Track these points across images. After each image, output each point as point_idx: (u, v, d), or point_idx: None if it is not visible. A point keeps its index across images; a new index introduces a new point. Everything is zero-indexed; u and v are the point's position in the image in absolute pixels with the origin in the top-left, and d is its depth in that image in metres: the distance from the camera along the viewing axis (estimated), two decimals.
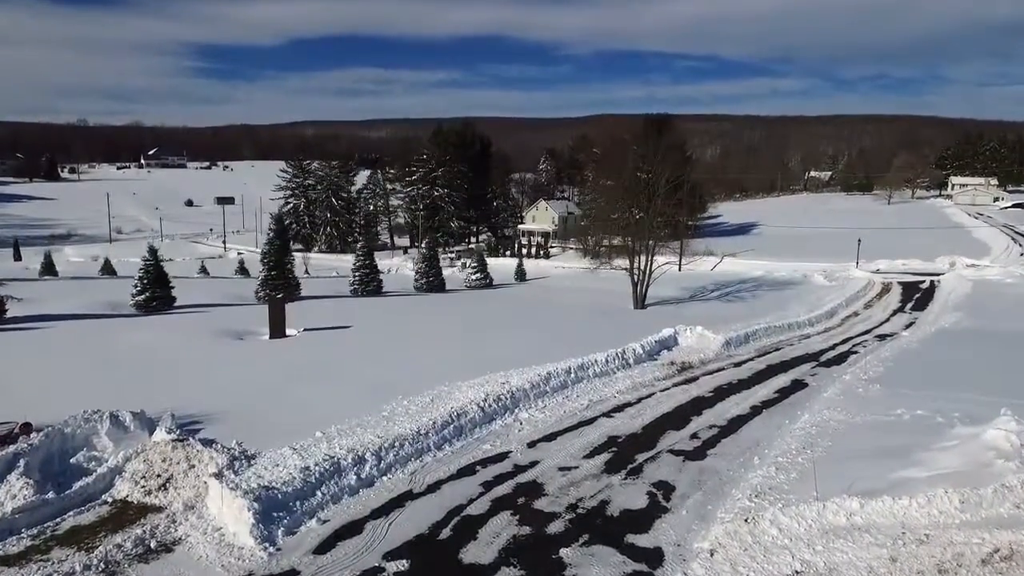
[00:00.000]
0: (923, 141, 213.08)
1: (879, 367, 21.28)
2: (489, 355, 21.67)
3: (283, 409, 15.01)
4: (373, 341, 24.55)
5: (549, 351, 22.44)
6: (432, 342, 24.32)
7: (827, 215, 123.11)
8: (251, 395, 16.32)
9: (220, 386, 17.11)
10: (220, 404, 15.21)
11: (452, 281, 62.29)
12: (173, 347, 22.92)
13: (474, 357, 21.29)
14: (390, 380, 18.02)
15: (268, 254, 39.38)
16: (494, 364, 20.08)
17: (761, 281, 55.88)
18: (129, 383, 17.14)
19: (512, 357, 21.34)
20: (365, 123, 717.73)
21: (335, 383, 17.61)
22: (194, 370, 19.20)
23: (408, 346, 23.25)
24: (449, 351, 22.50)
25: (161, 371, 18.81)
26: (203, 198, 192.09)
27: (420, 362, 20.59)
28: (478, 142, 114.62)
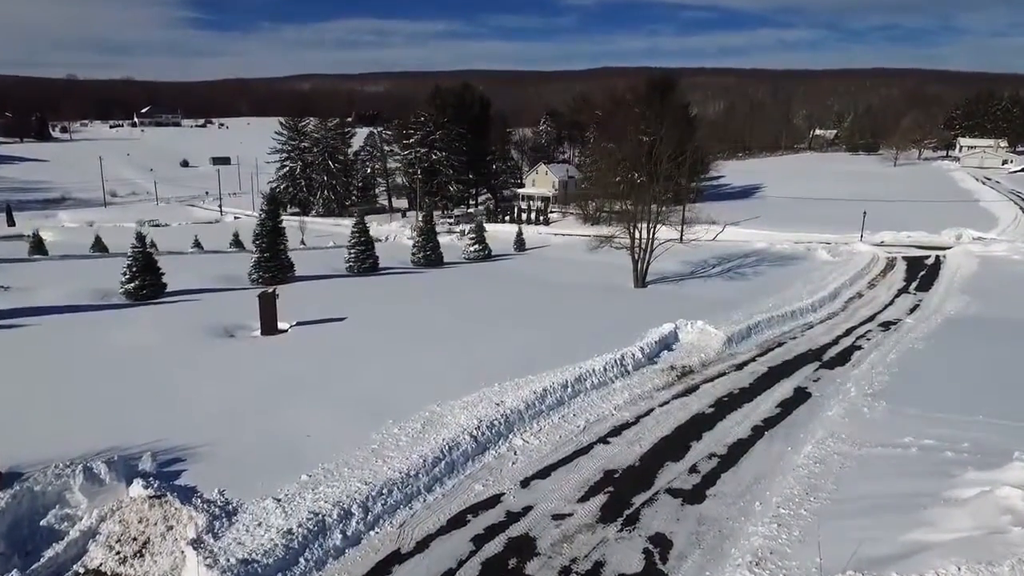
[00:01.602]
0: (932, 99, 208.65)
1: (884, 375, 20.72)
2: (483, 360, 21.13)
3: (269, 441, 14.50)
4: (364, 341, 23.94)
5: (545, 353, 21.94)
6: (424, 342, 23.72)
7: (832, 178, 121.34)
8: (238, 420, 15.80)
9: (206, 408, 16.57)
10: (205, 433, 14.71)
11: (450, 251, 61.41)
12: (160, 351, 22.33)
13: (467, 363, 20.74)
14: (380, 396, 17.51)
15: (260, 236, 38.50)
16: (488, 373, 19.58)
17: (763, 255, 55.08)
18: (111, 406, 16.60)
19: (507, 362, 20.84)
20: (363, 77, 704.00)
21: (324, 402, 17.08)
22: (180, 384, 18.64)
23: (399, 348, 22.65)
24: (441, 354, 21.92)
25: (146, 387, 18.26)
26: (198, 158, 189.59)
27: (411, 370, 20.05)
28: (477, 103, 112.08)
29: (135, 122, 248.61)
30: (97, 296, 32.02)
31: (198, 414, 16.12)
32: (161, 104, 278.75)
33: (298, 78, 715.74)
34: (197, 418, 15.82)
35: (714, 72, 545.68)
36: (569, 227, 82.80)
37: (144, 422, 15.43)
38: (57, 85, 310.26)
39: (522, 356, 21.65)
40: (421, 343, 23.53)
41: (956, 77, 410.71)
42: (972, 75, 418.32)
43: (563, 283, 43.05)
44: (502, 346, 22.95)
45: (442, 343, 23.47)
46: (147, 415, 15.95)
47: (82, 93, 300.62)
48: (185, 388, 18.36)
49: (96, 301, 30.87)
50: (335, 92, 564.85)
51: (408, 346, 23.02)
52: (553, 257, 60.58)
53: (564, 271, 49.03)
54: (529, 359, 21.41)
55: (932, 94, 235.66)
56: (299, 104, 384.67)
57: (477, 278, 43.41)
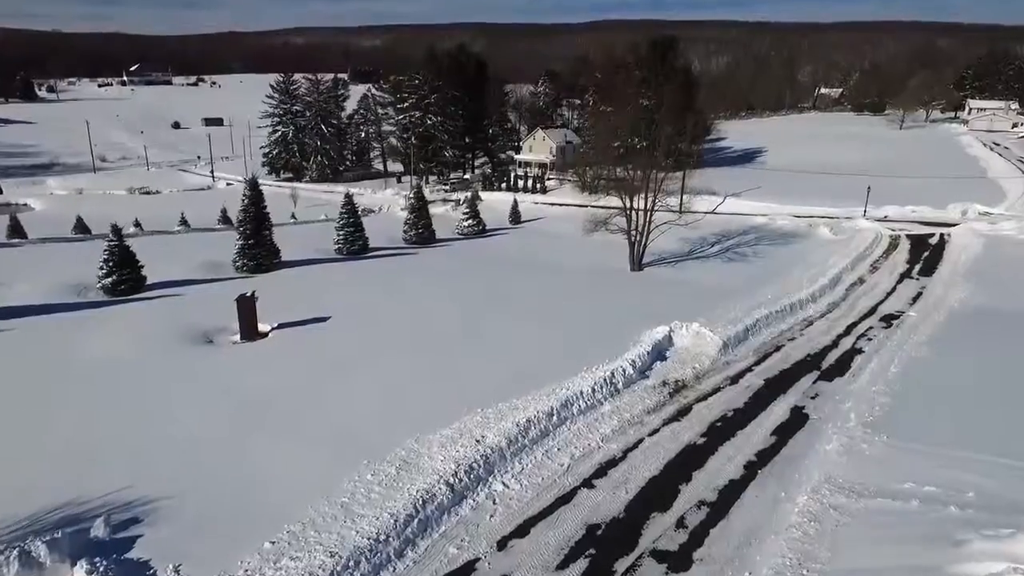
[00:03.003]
0: (941, 56, 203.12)
1: (884, 395, 19.86)
2: (466, 377, 20.29)
3: (237, 490, 13.73)
4: (345, 349, 23.01)
5: (532, 366, 21.08)
6: (406, 350, 22.81)
7: (836, 142, 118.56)
8: (206, 461, 15.03)
9: (174, 446, 15.78)
10: (170, 480, 13.98)
11: (444, 224, 60.04)
12: (132, 365, 21.47)
13: (450, 381, 19.91)
14: (356, 428, 16.72)
15: (244, 222, 37.18)
16: (471, 395, 18.76)
17: (763, 232, 53.78)
18: (74, 448, 15.73)
19: (491, 379, 20.01)
20: (359, 30, 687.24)
21: (297, 435, 16.29)
22: (150, 413, 17.81)
23: (380, 360, 21.72)
24: (423, 368, 21.06)
25: (113, 417, 17.43)
26: (190, 119, 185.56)
27: (391, 390, 19.22)
28: (473, 64, 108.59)
29: (125, 80, 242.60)
30: (74, 292, 31.02)
31: (165, 455, 15.32)
32: (151, 61, 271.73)
33: (293, 31, 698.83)
34: (163, 460, 15.03)
35: (718, 25, 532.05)
36: (566, 196, 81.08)
37: (107, 466, 14.66)
38: (42, 39, 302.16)
39: (508, 370, 20.79)
40: (402, 352, 22.62)
41: (968, 30, 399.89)
42: (985, 27, 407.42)
43: (557, 265, 41.90)
44: (487, 358, 22.03)
45: (424, 352, 22.56)
46: (111, 457, 15.16)
47: (69, 48, 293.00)
48: (155, 418, 17.53)
49: (72, 298, 29.89)
50: (331, 46, 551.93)
51: (389, 357, 22.10)
52: (549, 232, 59.23)
53: (559, 249, 47.86)
54: (515, 374, 20.56)
55: (941, 49, 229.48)
56: (294, 60, 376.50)
57: (467, 261, 42.23)
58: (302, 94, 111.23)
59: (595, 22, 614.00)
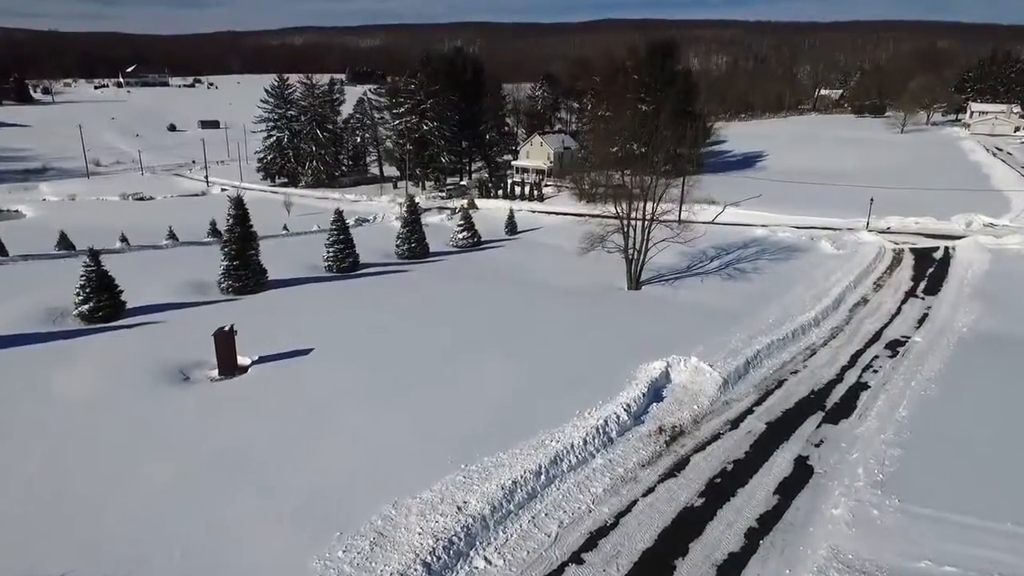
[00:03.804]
0: (942, 56, 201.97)
1: (895, 447, 18.74)
2: (450, 425, 19.20)
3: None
4: (325, 389, 21.88)
5: (521, 412, 20.01)
6: (388, 391, 21.69)
7: (837, 146, 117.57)
8: (166, 532, 13.95)
9: (132, 515, 14.70)
10: (124, 561, 12.91)
11: (438, 234, 58.92)
12: (101, 408, 20.37)
13: (432, 430, 18.81)
14: (330, 490, 15.62)
15: (229, 242, 36.03)
16: (455, 447, 17.69)
17: (764, 245, 52.58)
18: (22, 524, 14.56)
19: (477, 427, 18.96)
20: (358, 30, 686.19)
21: (265, 502, 15.18)
22: (112, 473, 16.71)
23: (360, 404, 20.58)
24: (405, 413, 19.96)
25: (72, 478, 16.33)
26: (186, 121, 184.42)
27: (369, 442, 18.13)
28: (470, 68, 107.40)
29: (121, 82, 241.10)
30: (49, 319, 29.86)
31: (121, 528, 14.20)
32: (148, 61, 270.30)
33: (291, 31, 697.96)
34: (118, 535, 13.93)
35: (717, 24, 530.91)
36: (563, 204, 79.94)
37: (57, 545, 13.53)
38: (38, 39, 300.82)
39: (495, 416, 19.71)
40: (384, 393, 21.49)
41: (969, 30, 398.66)
42: (986, 27, 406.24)
43: (551, 284, 40.78)
44: (473, 401, 20.90)
45: (407, 394, 21.43)
46: (63, 533, 14.03)
47: (65, 48, 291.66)
48: (117, 475, 16.41)
49: (45, 326, 28.72)
50: (329, 46, 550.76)
51: (370, 401, 20.96)
52: (544, 244, 58.00)
53: (554, 264, 46.67)
54: (503, 419, 19.49)
55: (942, 50, 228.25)
56: (292, 60, 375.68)
57: (458, 281, 41.02)
58: (297, 98, 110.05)
59: (594, 21, 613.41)
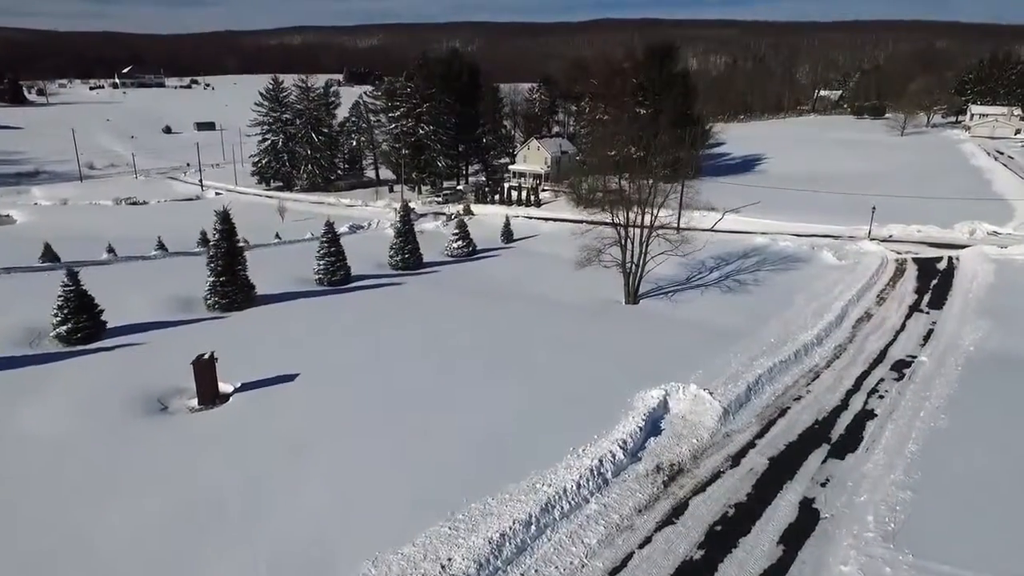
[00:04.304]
0: (942, 57, 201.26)
1: (905, 489, 17.77)
2: (435, 463, 18.25)
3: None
4: (308, 421, 20.90)
5: (511, 448, 19.07)
6: (373, 423, 20.73)
7: (837, 148, 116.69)
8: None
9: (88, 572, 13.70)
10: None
11: (434, 243, 57.96)
12: (68, 447, 19.38)
13: (417, 472, 17.84)
14: (304, 546, 14.64)
15: (215, 257, 35.02)
16: (440, 491, 16.74)
17: (764, 255, 51.64)
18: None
19: (464, 466, 18.05)
20: (356, 29, 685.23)
21: (233, 562, 14.18)
22: (71, 522, 15.72)
23: (341, 445, 19.51)
24: (389, 450, 19.00)
25: (27, 538, 15.33)
26: (182, 123, 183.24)
27: (348, 490, 17.12)
28: (466, 71, 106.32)
29: (116, 83, 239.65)
30: (26, 340, 28.86)
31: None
32: (144, 62, 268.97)
33: (288, 31, 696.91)
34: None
35: (716, 24, 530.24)
36: (560, 209, 78.98)
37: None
38: (33, 39, 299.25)
39: (485, 453, 18.77)
40: (368, 427, 20.53)
41: (968, 30, 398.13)
42: (985, 27, 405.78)
43: (546, 298, 39.83)
44: (461, 435, 19.94)
45: (393, 428, 20.46)
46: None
47: (60, 48, 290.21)
48: (77, 530, 15.42)
49: (21, 349, 27.72)
50: (326, 47, 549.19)
51: (352, 437, 20.00)
52: (541, 253, 57.13)
53: (550, 275, 45.68)
54: (494, 457, 18.56)
55: (942, 51, 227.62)
56: (289, 60, 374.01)
57: (450, 295, 40.00)
58: (292, 102, 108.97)
59: (593, 21, 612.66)
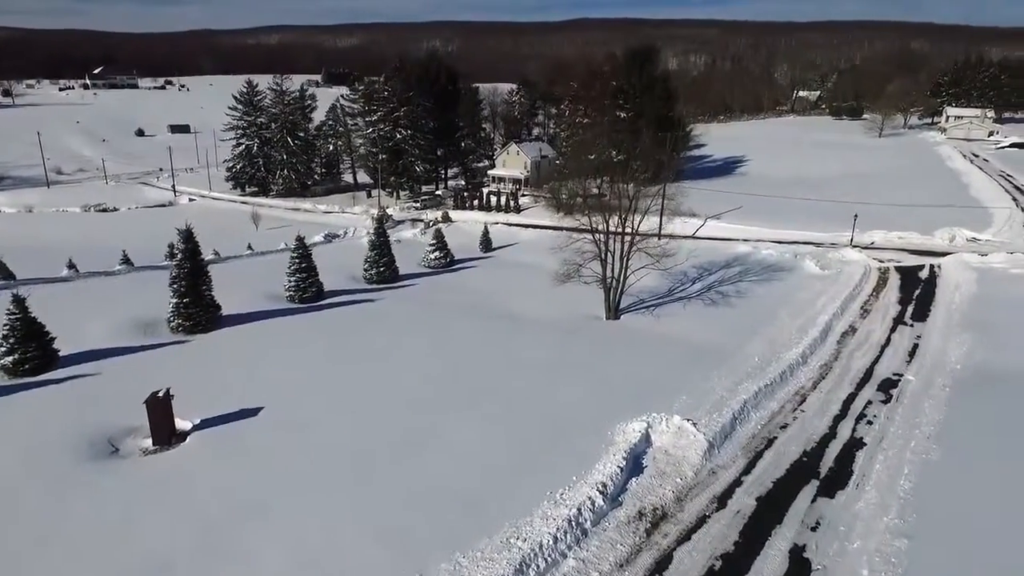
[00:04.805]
0: (917, 59, 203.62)
1: (900, 536, 16.85)
2: (401, 515, 17.02)
3: None
4: (265, 474, 19.41)
5: (483, 491, 17.90)
6: (334, 478, 19.34)
7: (817, 150, 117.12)
8: None
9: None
10: None
11: (411, 252, 56.60)
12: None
13: (381, 528, 16.60)
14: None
15: (178, 278, 33.39)
16: (406, 549, 15.54)
17: (747, 264, 50.99)
18: None
19: (432, 518, 16.83)
20: (335, 29, 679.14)
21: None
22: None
23: (300, 501, 18.14)
24: (350, 510, 17.64)
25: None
26: (156, 126, 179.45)
27: (307, 557, 15.81)
28: (444, 74, 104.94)
29: (87, 83, 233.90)
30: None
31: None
32: (117, 62, 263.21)
33: (266, 30, 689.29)
34: None
35: (695, 24, 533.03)
36: (541, 216, 77.89)
37: None
38: (1, 37, 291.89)
39: (455, 507, 17.53)
40: (332, 476, 19.21)
41: (941, 31, 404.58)
42: (957, 29, 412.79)
43: (524, 315, 38.63)
44: (429, 480, 18.71)
45: (360, 474, 19.15)
46: None
47: (28, 47, 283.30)
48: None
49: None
50: (305, 46, 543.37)
51: (315, 484, 18.69)
52: (520, 263, 55.98)
53: (528, 289, 44.49)
54: (464, 512, 17.29)
55: (917, 52, 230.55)
56: (266, 60, 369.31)
57: (425, 312, 38.58)
58: (267, 105, 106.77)
59: (573, 20, 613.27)
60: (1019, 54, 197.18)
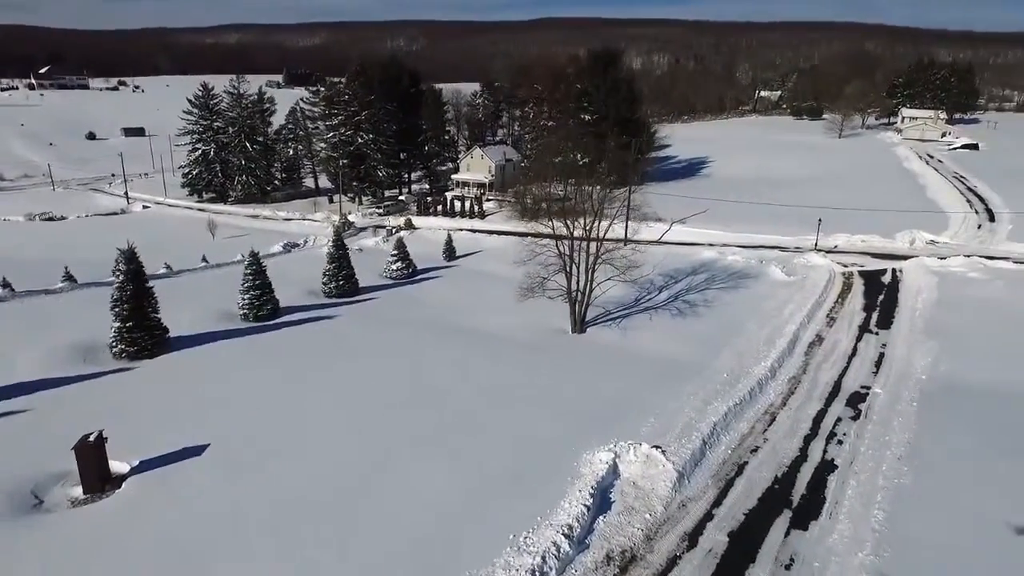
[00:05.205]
0: (871, 61, 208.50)
1: (875, 575, 16.24)
2: (351, 571, 15.76)
3: None
4: (205, 525, 17.94)
5: (438, 542, 16.75)
6: (279, 522, 18.02)
7: (779, 151, 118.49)
8: None
9: None
10: None
11: (373, 262, 55.02)
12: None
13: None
14: None
15: (120, 301, 31.37)
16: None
17: (713, 271, 50.72)
18: None
19: (386, 572, 15.58)
20: (296, 28, 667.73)
21: None
22: None
23: (242, 544, 16.89)
24: (291, 568, 16.33)
25: None
26: (108, 128, 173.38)
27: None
28: (406, 77, 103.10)
29: (33, 84, 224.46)
30: None
31: None
32: (65, 61, 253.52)
33: (226, 28, 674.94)
34: None
35: (658, 23, 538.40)
36: (505, 221, 76.87)
37: None
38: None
39: (409, 562, 16.31)
40: (276, 522, 17.87)
41: (894, 33, 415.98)
42: (908, 31, 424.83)
43: (488, 331, 37.50)
44: (384, 538, 17.40)
45: (307, 529, 17.76)
46: None
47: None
48: None
49: None
50: (265, 46, 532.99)
51: (256, 537, 17.32)
52: (484, 272, 54.77)
53: (492, 301, 43.37)
54: (419, 568, 16.09)
55: (872, 53, 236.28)
56: (226, 60, 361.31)
57: (384, 330, 37.15)
58: (224, 109, 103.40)
59: (538, 19, 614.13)
60: (964, 56, 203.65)
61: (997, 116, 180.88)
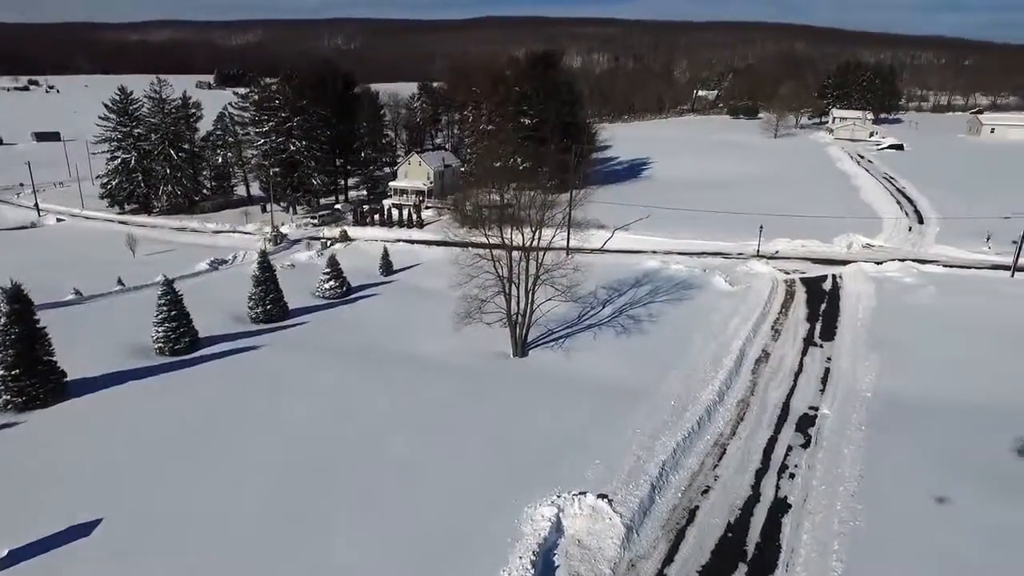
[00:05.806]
0: (802, 61, 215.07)
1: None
2: None
3: None
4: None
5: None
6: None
7: (718, 150, 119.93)
8: None
9: None
10: None
11: (305, 279, 51.89)
12: None
13: None
14: None
15: (4, 346, 27.77)
16: None
17: (657, 282, 49.72)
18: None
19: None
20: (230, 24, 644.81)
21: None
22: None
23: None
24: None
25: None
26: (17, 133, 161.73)
27: None
28: (340, 81, 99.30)
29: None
30: None
31: None
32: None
33: (154, 25, 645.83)
34: None
35: (598, 22, 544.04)
36: (444, 231, 74.39)
37: None
38: None
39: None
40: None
41: (820, 34, 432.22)
42: (834, 32, 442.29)
43: (423, 357, 35.35)
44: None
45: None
46: None
47: None
48: None
49: None
50: (196, 43, 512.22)
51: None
52: (421, 288, 52.24)
53: (429, 321, 40.97)
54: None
55: (801, 54, 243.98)
56: (153, 59, 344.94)
57: (314, 362, 34.42)
58: (145, 115, 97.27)
59: (478, 18, 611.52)
60: (885, 56, 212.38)
61: (917, 116, 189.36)
